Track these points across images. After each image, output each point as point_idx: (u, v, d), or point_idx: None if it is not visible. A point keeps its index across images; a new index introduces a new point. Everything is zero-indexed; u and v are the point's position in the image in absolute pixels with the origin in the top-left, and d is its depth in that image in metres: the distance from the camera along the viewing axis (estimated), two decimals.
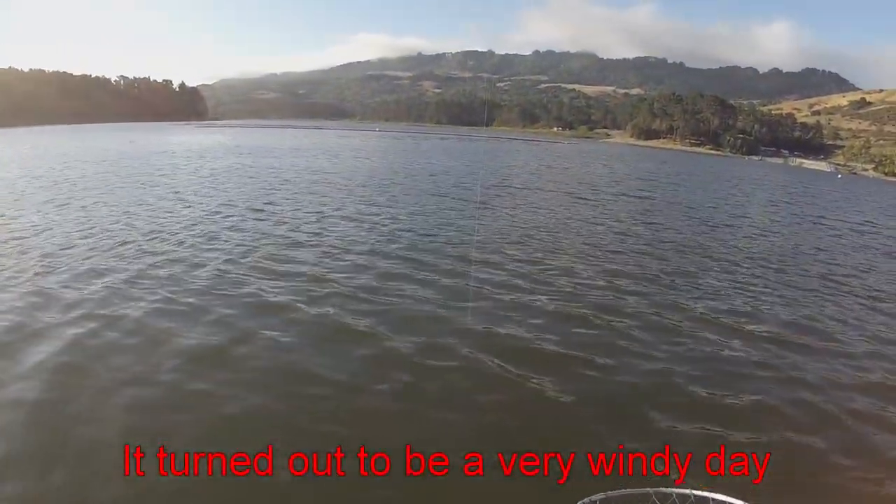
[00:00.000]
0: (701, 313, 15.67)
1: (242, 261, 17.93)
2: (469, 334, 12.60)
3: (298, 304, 13.92)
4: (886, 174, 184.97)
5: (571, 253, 22.37)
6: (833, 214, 49.25)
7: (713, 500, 4.00)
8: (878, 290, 21.63)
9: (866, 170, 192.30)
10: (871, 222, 46.62)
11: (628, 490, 4.08)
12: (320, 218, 26.11)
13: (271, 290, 15.04)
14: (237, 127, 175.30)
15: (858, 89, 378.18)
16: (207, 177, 41.01)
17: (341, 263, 18.17)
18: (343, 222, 25.41)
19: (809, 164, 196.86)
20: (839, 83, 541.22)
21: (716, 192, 59.27)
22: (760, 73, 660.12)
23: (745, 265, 23.58)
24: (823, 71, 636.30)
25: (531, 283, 17.12)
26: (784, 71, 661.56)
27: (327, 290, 15.16)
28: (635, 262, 21.91)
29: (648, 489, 4.07)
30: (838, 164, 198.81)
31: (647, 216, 35.45)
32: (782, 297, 18.78)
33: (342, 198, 33.41)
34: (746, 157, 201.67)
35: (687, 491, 4.02)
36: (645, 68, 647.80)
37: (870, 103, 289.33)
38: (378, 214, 27.97)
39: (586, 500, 3.96)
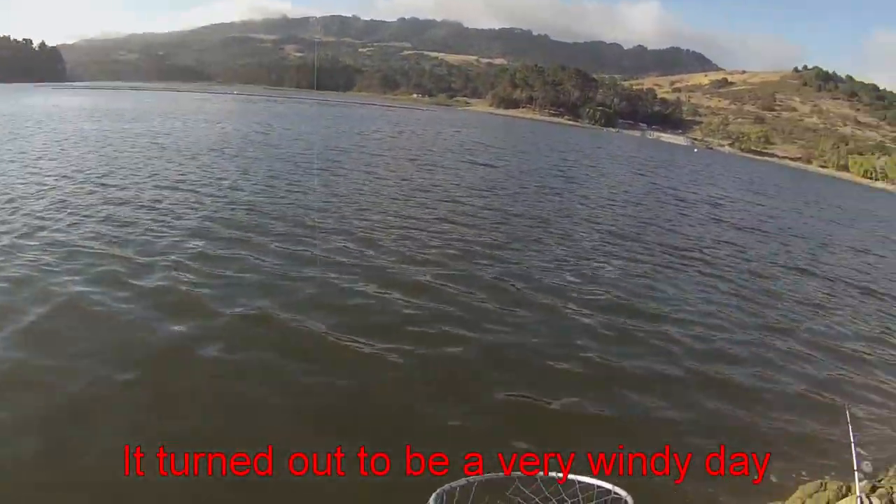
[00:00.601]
0: (541, 285, 16.04)
1: (72, 231, 16.88)
2: (331, 310, 12.65)
3: (127, 276, 13.45)
4: (743, 150, 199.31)
5: (414, 222, 21.99)
6: (686, 187, 50.59)
7: (578, 482, 3.95)
8: (720, 261, 22.13)
9: (723, 145, 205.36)
10: (723, 196, 48.10)
11: (491, 475, 3.96)
12: (156, 185, 24.57)
13: (95, 260, 14.36)
14: (94, 89, 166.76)
15: (721, 69, 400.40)
16: (45, 143, 36.78)
17: (174, 233, 17.38)
18: (178, 189, 23.96)
19: (667, 137, 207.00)
20: (703, 63, 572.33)
21: (568, 161, 59.45)
22: (625, 49, 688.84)
23: (595, 236, 23.44)
24: (688, 50, 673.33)
25: (377, 253, 17.20)
26: (649, 48, 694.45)
27: (159, 262, 14.61)
28: (480, 231, 21.57)
29: (514, 473, 4.01)
30: (695, 139, 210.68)
31: (495, 184, 34.54)
32: (624, 270, 18.89)
33: (182, 163, 30.90)
34: (604, 129, 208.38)
35: (552, 474, 4.01)
36: (510, 39, 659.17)
37: (731, 83, 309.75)
38: (218, 180, 26.77)
39: (446, 486, 3.82)
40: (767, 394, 11.71)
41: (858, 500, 5.57)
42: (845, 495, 7.33)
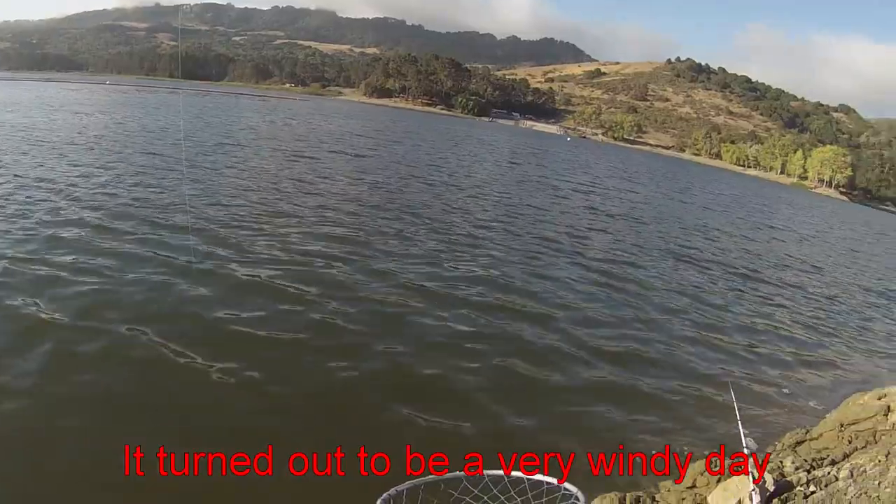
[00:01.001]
0: (409, 281, 15.28)
1: None
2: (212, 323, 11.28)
3: None
4: (616, 139, 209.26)
5: (286, 218, 20.64)
6: (559, 176, 50.66)
7: (528, 480, 3.84)
8: (595, 250, 21.80)
9: (596, 134, 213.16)
10: (597, 184, 48.54)
11: (436, 476, 3.82)
12: (7, 181, 21.59)
13: None
14: None
15: (595, 60, 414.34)
16: None
17: (20, 236, 15.18)
18: (31, 187, 21.18)
19: (540, 126, 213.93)
20: (576, 54, 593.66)
21: (440, 151, 58.79)
22: (498, 39, 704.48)
23: (466, 227, 22.45)
24: (561, 41, 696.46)
25: (235, 253, 15.73)
26: (522, 39, 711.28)
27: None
28: (349, 227, 20.33)
29: (459, 473, 3.91)
30: (569, 128, 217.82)
31: (364, 175, 33.10)
32: (496, 261, 18.33)
33: (43, 158, 27.44)
34: (478, 118, 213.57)
35: (499, 472, 3.90)
36: (384, 29, 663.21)
37: (604, 74, 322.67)
38: (77, 176, 23.89)
39: (392, 490, 3.69)
40: (648, 383, 11.43)
41: (750, 474, 5.60)
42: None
